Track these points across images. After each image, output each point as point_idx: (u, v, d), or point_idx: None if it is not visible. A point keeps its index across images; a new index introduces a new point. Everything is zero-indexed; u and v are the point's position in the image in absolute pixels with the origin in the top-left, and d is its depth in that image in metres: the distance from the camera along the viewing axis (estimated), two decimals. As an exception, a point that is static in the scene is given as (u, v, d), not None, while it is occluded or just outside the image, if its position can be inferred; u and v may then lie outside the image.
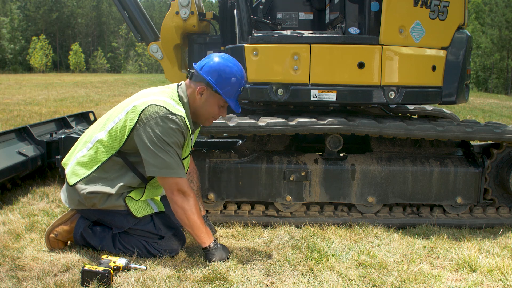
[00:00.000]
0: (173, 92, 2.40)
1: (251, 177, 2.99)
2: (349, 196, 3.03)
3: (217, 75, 2.34)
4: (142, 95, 2.39)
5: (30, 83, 21.19)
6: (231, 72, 2.36)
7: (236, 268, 2.27)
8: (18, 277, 2.12)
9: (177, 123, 2.26)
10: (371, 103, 3.29)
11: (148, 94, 2.37)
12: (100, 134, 2.36)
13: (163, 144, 2.23)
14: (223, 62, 2.37)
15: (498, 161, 3.12)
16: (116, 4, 3.85)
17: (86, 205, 2.38)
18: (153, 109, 2.24)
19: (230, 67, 2.37)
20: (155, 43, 3.81)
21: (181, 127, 2.27)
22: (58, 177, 3.92)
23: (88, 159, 2.36)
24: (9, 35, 57.75)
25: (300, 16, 3.61)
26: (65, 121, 4.75)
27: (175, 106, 2.30)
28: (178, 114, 2.27)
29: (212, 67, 2.35)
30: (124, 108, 2.34)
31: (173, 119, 2.24)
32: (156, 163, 2.25)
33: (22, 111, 9.23)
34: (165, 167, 2.25)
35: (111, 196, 2.34)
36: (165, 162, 2.24)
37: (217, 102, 2.41)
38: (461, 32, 3.15)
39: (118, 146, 2.32)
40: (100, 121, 2.46)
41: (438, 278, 2.23)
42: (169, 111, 2.25)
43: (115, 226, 2.43)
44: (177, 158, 2.28)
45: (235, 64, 2.41)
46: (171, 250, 2.39)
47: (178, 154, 2.30)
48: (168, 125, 2.23)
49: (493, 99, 18.36)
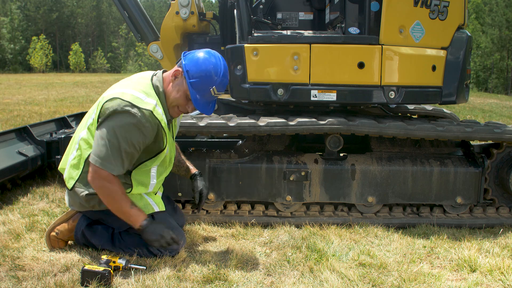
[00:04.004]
0: (146, 83, 2.33)
1: (251, 177, 2.98)
2: (349, 196, 3.03)
3: (194, 63, 2.27)
4: (113, 87, 2.36)
5: (30, 83, 21.19)
6: (208, 66, 2.26)
7: (236, 268, 2.27)
8: (18, 277, 2.12)
9: (137, 118, 2.16)
10: (371, 103, 3.29)
11: (118, 86, 2.32)
12: (82, 133, 2.37)
13: (111, 136, 2.17)
14: (208, 56, 2.30)
15: (498, 161, 3.12)
16: (116, 4, 3.85)
17: (87, 207, 2.38)
18: (116, 102, 2.18)
19: (212, 63, 2.28)
20: (155, 43, 3.81)
21: (142, 123, 2.17)
22: (58, 177, 3.92)
23: (77, 160, 2.37)
24: (9, 35, 57.72)
25: (300, 16, 3.61)
26: (65, 121, 4.76)
27: (145, 99, 2.23)
28: (143, 108, 2.18)
29: (195, 55, 2.30)
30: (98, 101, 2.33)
31: (134, 113, 2.16)
32: (96, 151, 2.19)
33: (22, 111, 9.22)
34: (102, 158, 2.18)
35: None
36: (103, 153, 2.17)
37: (185, 91, 2.30)
38: (461, 32, 3.15)
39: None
40: (83, 120, 2.45)
41: (438, 278, 2.23)
42: (131, 104, 2.17)
43: (116, 225, 2.43)
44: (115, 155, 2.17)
45: (219, 64, 2.30)
46: (171, 249, 2.39)
47: (125, 151, 2.19)
48: (126, 119, 2.16)
49: (493, 99, 18.36)
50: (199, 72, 2.27)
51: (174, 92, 2.32)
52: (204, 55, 2.30)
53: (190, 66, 2.28)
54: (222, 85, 2.33)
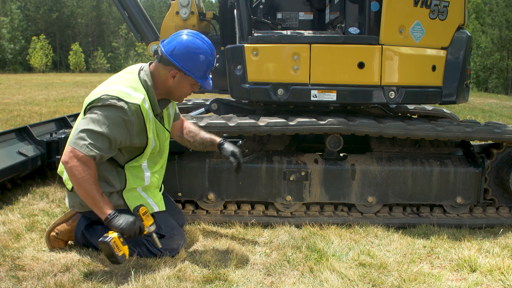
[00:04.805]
0: (133, 78, 2.35)
1: (251, 177, 2.98)
2: (349, 196, 3.03)
3: (188, 61, 2.32)
4: (101, 84, 2.36)
5: (30, 83, 21.19)
6: (201, 55, 2.34)
7: (236, 268, 2.27)
8: (18, 277, 2.12)
9: (124, 111, 2.18)
10: (371, 103, 3.29)
11: (106, 84, 2.33)
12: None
13: (94, 121, 2.16)
14: (193, 45, 2.33)
15: (498, 161, 3.12)
16: (116, 4, 3.85)
17: (87, 207, 2.38)
18: (103, 98, 2.18)
19: (201, 49, 2.34)
20: (155, 43, 3.81)
21: (126, 116, 2.19)
22: (58, 177, 3.91)
23: None
24: (9, 35, 57.74)
25: (300, 16, 3.61)
26: (65, 121, 4.76)
27: (132, 94, 2.24)
28: (131, 103, 2.20)
29: (182, 51, 2.31)
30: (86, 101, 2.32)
31: (121, 106, 2.17)
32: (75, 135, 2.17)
33: (22, 111, 9.22)
34: (82, 139, 2.15)
35: (110, 196, 2.34)
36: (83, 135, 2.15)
37: (190, 82, 2.41)
38: (461, 32, 3.15)
39: None
40: (75, 124, 2.43)
41: (438, 278, 2.23)
42: (117, 98, 2.18)
43: None
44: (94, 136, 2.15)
45: (204, 43, 2.36)
46: (171, 249, 2.39)
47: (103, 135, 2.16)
48: (112, 111, 2.18)
49: (493, 99, 18.36)
50: (198, 64, 2.34)
51: (180, 87, 2.41)
52: (189, 44, 2.33)
53: (188, 64, 2.32)
54: (213, 58, 2.42)
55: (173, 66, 2.34)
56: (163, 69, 2.37)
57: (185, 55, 2.32)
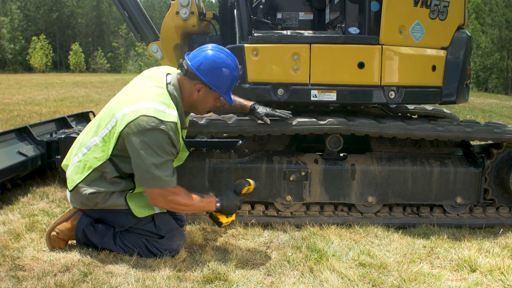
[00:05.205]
0: (164, 94, 2.35)
1: (251, 177, 2.97)
2: (349, 196, 3.03)
3: (214, 76, 2.35)
4: (132, 98, 2.33)
5: (30, 83, 21.19)
6: (227, 70, 2.37)
7: (236, 268, 2.27)
8: (18, 277, 2.12)
9: (167, 133, 2.22)
10: (371, 103, 3.29)
11: (137, 98, 2.30)
12: (94, 140, 2.37)
13: (149, 156, 2.21)
14: (219, 60, 2.35)
15: (498, 161, 3.12)
16: (116, 4, 3.85)
17: (89, 205, 2.39)
18: (143, 120, 2.19)
19: (227, 65, 2.37)
20: (155, 43, 3.80)
21: (171, 136, 2.24)
22: (58, 177, 3.92)
23: (83, 165, 2.36)
24: (9, 35, 57.71)
25: (300, 16, 3.61)
26: (65, 121, 4.75)
27: (166, 111, 2.26)
28: (169, 122, 2.23)
29: (209, 66, 2.34)
30: (115, 114, 2.30)
31: (163, 129, 2.20)
32: (141, 174, 2.26)
33: (22, 111, 9.23)
34: (150, 178, 2.24)
35: (113, 195, 2.35)
36: (150, 173, 2.23)
37: (214, 96, 2.46)
38: (461, 32, 3.15)
39: (109, 152, 2.31)
40: (93, 125, 2.45)
41: (438, 278, 2.23)
42: (159, 120, 2.20)
43: (117, 224, 2.44)
44: (162, 168, 2.24)
45: (230, 58, 2.39)
46: (171, 249, 2.39)
47: (166, 162, 2.26)
48: (157, 136, 2.20)
49: (493, 99, 18.36)
50: (224, 80, 2.38)
51: (205, 102, 2.46)
52: (215, 59, 2.35)
53: (214, 79, 2.36)
54: (238, 73, 2.45)
55: (199, 80, 2.36)
56: (188, 83, 2.40)
57: (211, 70, 2.34)
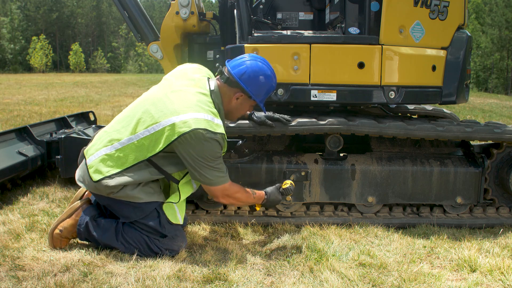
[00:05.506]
0: (209, 102, 2.38)
1: (251, 177, 2.98)
2: (349, 196, 3.03)
3: (256, 85, 2.45)
4: (178, 105, 2.30)
5: (30, 83, 21.19)
6: (268, 81, 2.48)
7: (236, 268, 2.27)
8: (18, 277, 2.12)
9: (220, 143, 2.30)
10: (371, 103, 3.29)
11: (185, 106, 2.29)
12: (131, 138, 2.34)
13: (206, 162, 2.30)
14: (261, 71, 2.46)
15: (498, 161, 3.12)
16: (116, 4, 3.85)
17: (101, 192, 2.38)
18: (198, 133, 2.22)
19: (267, 76, 2.47)
20: (155, 43, 3.81)
21: (221, 144, 2.32)
22: (58, 177, 3.92)
23: (115, 160, 2.35)
24: (9, 35, 57.72)
25: (300, 16, 3.61)
26: (65, 121, 4.75)
27: (215, 121, 2.30)
28: (219, 133, 2.28)
29: (252, 76, 2.43)
30: (160, 119, 2.28)
31: (216, 139, 2.27)
32: (199, 177, 2.35)
33: (22, 111, 9.23)
34: (208, 181, 2.35)
35: (127, 187, 2.35)
36: (207, 178, 2.34)
37: (250, 104, 2.56)
38: (461, 32, 3.15)
39: (149, 154, 2.32)
40: (129, 120, 2.39)
41: (438, 278, 2.23)
42: (211, 132, 2.25)
43: (122, 215, 2.44)
44: (218, 169, 2.35)
45: (270, 69, 2.50)
46: (171, 250, 2.40)
47: (220, 163, 2.36)
48: (212, 147, 2.28)
49: (493, 99, 18.36)
50: (264, 90, 2.49)
51: (241, 109, 2.57)
52: (258, 70, 2.45)
53: (255, 89, 2.46)
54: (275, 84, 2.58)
55: (239, 88, 2.45)
56: (228, 90, 2.47)
57: (254, 80, 2.44)
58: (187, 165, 2.33)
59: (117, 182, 2.32)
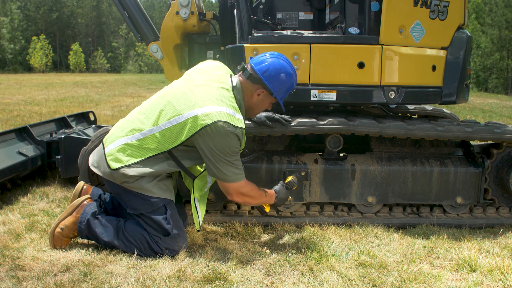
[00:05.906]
0: (231, 97, 2.41)
1: (251, 177, 2.97)
2: (349, 196, 3.03)
3: (278, 83, 2.48)
4: (200, 98, 2.33)
5: (30, 83, 21.19)
6: (289, 79, 2.51)
7: (236, 268, 2.27)
8: (18, 277, 2.12)
9: (239, 138, 2.33)
10: (371, 103, 3.29)
11: (207, 99, 2.32)
12: (153, 129, 2.36)
13: (224, 156, 2.32)
14: (284, 69, 2.49)
15: (498, 161, 3.12)
16: (116, 4, 3.85)
17: (115, 179, 2.39)
18: (219, 126, 2.24)
19: (289, 74, 2.51)
20: (155, 43, 3.81)
21: (241, 139, 2.35)
22: (58, 177, 3.92)
23: (135, 150, 2.36)
24: (9, 35, 57.71)
25: (300, 16, 3.61)
26: (65, 121, 4.75)
27: (236, 116, 2.33)
28: (239, 127, 2.31)
29: (274, 73, 2.47)
30: (182, 111, 2.31)
31: (237, 133, 2.30)
32: (216, 172, 2.37)
33: (22, 111, 9.22)
34: (224, 176, 2.37)
35: (143, 178, 2.36)
36: (223, 173, 2.36)
37: (270, 101, 2.58)
38: (461, 32, 3.15)
39: (170, 146, 2.35)
40: (152, 111, 2.41)
41: (438, 278, 2.23)
42: (232, 126, 2.27)
43: (130, 206, 2.44)
44: (235, 165, 2.38)
45: (291, 68, 2.53)
46: (172, 250, 2.40)
47: (237, 159, 2.39)
48: (232, 141, 2.30)
49: (493, 99, 18.36)
50: (285, 88, 2.53)
51: (261, 105, 2.59)
52: (281, 68, 2.48)
53: (277, 86, 2.49)
54: (296, 82, 2.61)
55: (261, 85, 2.48)
56: (250, 86, 2.50)
57: (276, 77, 2.47)
58: (205, 159, 2.35)
59: (136, 172, 2.34)
